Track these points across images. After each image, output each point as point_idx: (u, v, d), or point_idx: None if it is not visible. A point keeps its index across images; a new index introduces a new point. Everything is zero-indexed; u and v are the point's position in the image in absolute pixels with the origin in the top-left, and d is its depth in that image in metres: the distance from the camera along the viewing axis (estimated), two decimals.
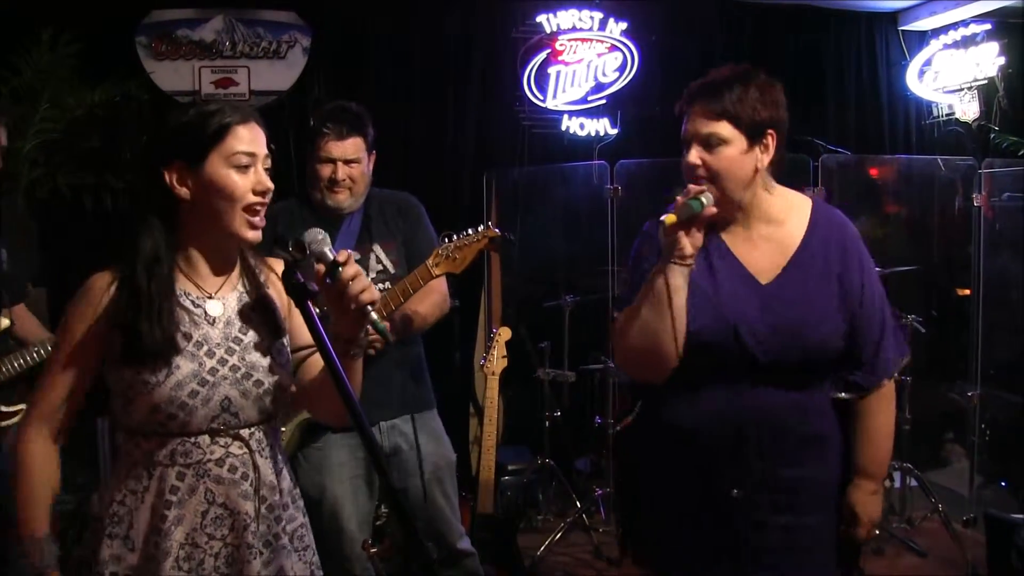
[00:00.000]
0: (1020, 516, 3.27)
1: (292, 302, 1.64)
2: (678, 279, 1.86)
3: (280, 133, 4.84)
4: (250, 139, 1.62)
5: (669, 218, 1.80)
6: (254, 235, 1.64)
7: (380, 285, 2.71)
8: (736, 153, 1.90)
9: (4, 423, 3.00)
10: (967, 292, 4.82)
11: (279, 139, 4.84)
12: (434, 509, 2.81)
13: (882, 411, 2.03)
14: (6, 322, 2.98)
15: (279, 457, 1.74)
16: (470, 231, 2.61)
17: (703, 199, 1.83)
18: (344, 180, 2.66)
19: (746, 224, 1.99)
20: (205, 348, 1.62)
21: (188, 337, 1.61)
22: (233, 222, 1.61)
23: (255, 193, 1.62)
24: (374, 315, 1.55)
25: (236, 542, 1.64)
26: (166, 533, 1.59)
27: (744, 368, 1.92)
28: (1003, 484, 4.55)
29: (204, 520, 1.62)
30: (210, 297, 1.66)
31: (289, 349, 1.75)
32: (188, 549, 1.61)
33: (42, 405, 1.64)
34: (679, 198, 1.85)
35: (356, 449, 2.70)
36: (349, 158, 2.66)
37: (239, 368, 1.64)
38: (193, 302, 1.64)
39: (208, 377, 1.60)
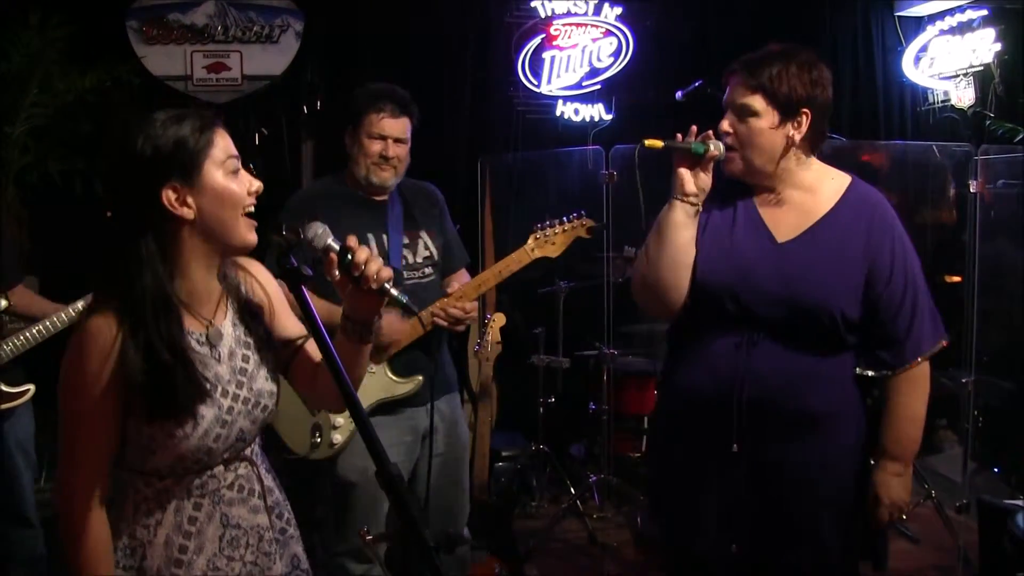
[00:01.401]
0: (1013, 502, 3.28)
1: (270, 299, 1.66)
2: (680, 215, 2.02)
3: (273, 118, 4.81)
4: (228, 143, 1.55)
5: (650, 142, 1.97)
6: (254, 238, 1.57)
7: (428, 269, 2.80)
8: (765, 126, 1.98)
9: (7, 404, 3.00)
10: (957, 279, 4.82)
11: (272, 124, 4.83)
12: (459, 490, 2.89)
13: (909, 392, 2.03)
14: (3, 303, 2.98)
15: (266, 458, 1.74)
16: (566, 218, 2.79)
17: (710, 145, 1.98)
18: (393, 158, 2.71)
19: (780, 190, 2.06)
20: (219, 388, 1.57)
21: (205, 381, 1.54)
22: (237, 229, 1.54)
23: (249, 195, 1.56)
24: (394, 291, 1.53)
25: (254, 557, 1.64)
26: (188, 564, 1.58)
27: (745, 324, 1.98)
28: (996, 470, 4.56)
29: (222, 543, 1.61)
30: (209, 326, 1.58)
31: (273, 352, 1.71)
32: (211, 575, 1.60)
33: (81, 476, 1.51)
34: (679, 135, 1.99)
35: (404, 433, 2.71)
36: (400, 137, 2.72)
37: (249, 400, 1.61)
38: (198, 340, 1.56)
39: (227, 417, 1.57)
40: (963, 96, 5.29)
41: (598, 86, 5.18)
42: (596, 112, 5.18)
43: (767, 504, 2.00)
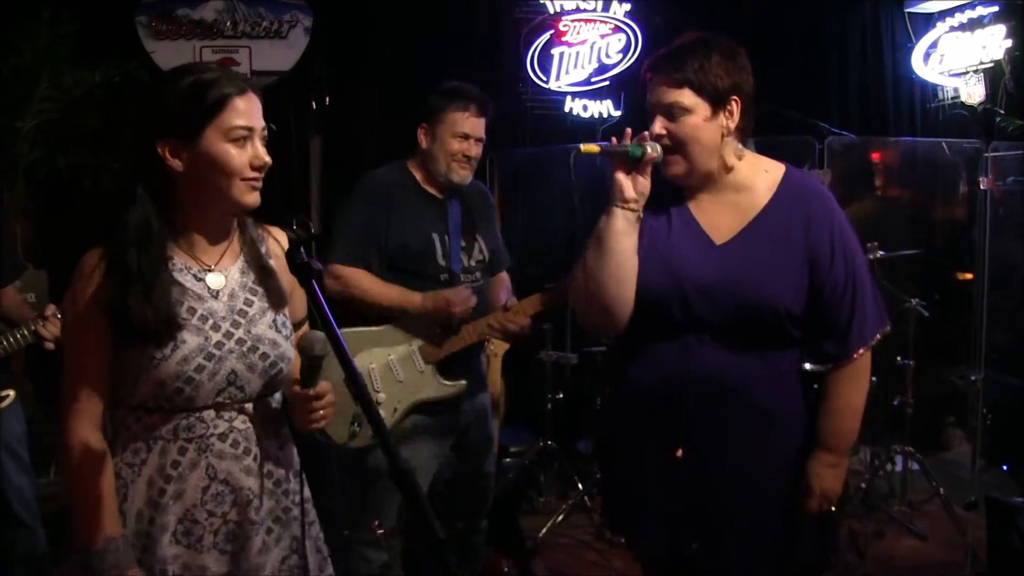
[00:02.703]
0: (1021, 499, 3.27)
1: (287, 270, 1.65)
2: (620, 222, 1.94)
3: (282, 113, 4.82)
4: (247, 112, 1.56)
5: (586, 146, 1.91)
6: (254, 199, 1.60)
7: (479, 273, 2.82)
8: (699, 120, 1.91)
9: None
10: (968, 276, 4.81)
11: (279, 119, 4.83)
12: (488, 478, 2.95)
13: (851, 384, 1.98)
14: None
15: (283, 430, 1.72)
16: None
17: (647, 147, 1.90)
18: (473, 158, 2.73)
19: (713, 192, 2.00)
20: (210, 322, 1.59)
21: (192, 311, 1.58)
22: (230, 192, 1.57)
23: (252, 168, 1.57)
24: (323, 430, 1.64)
25: (238, 519, 1.61)
26: (164, 508, 1.57)
27: (691, 327, 1.93)
28: (1004, 468, 4.55)
29: (204, 496, 1.59)
30: (210, 270, 1.63)
31: (290, 322, 1.73)
32: (187, 524, 1.58)
33: (76, 397, 1.56)
34: (613, 139, 1.94)
35: (441, 427, 2.75)
36: (480, 137, 2.73)
37: (245, 341, 1.61)
38: (195, 276, 1.61)
39: (214, 351, 1.58)
40: (973, 93, 5.26)
41: (607, 82, 5.18)
42: (605, 108, 5.17)
43: (713, 505, 1.96)
